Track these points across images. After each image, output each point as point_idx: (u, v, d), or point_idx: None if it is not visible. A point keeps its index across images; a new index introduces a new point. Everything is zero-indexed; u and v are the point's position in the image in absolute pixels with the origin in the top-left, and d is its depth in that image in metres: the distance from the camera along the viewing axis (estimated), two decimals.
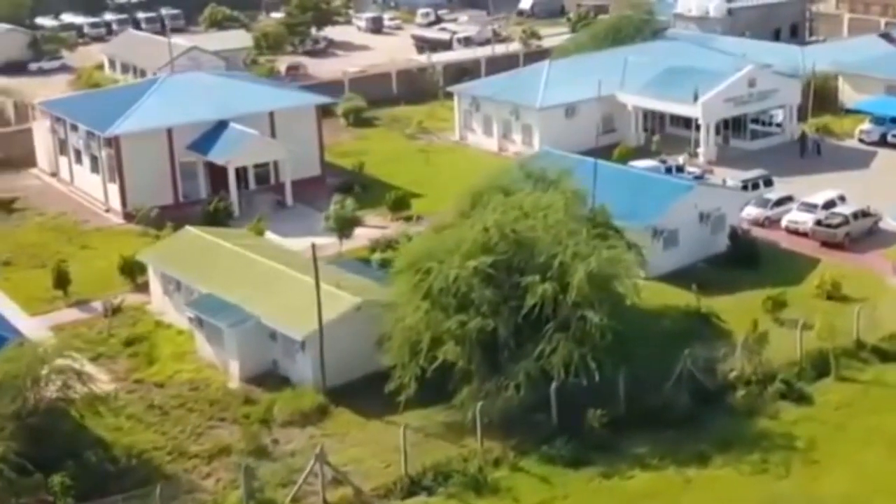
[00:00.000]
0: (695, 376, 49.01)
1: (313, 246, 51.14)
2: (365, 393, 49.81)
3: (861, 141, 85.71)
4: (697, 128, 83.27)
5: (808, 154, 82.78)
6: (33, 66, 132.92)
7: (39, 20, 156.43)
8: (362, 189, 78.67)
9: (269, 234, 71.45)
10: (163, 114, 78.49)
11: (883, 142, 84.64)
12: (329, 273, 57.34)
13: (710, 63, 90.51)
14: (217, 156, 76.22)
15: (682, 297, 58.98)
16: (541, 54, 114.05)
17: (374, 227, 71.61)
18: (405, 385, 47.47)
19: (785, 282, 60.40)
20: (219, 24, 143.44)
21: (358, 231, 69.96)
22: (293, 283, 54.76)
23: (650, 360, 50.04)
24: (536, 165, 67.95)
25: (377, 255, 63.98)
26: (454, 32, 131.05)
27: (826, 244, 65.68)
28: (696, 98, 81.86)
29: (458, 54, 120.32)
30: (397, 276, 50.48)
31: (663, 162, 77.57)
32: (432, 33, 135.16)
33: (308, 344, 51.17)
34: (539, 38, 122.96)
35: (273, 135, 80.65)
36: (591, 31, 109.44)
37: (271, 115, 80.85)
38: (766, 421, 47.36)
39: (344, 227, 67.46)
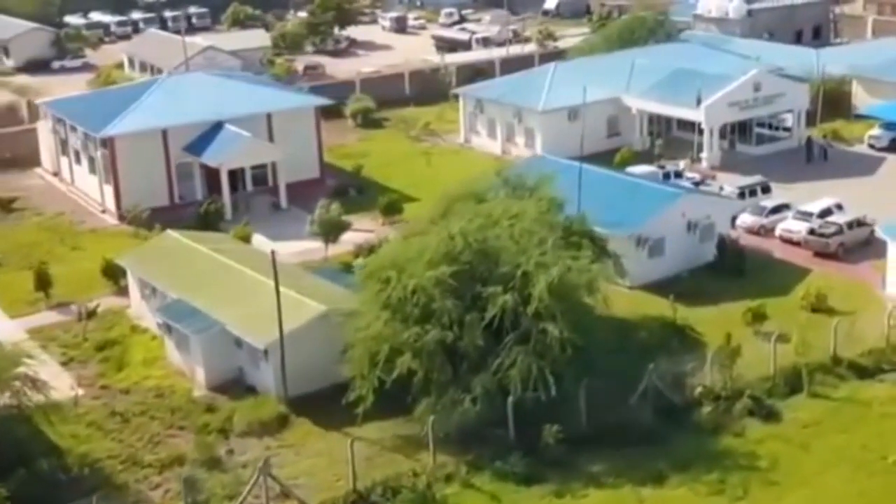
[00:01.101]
0: (660, 391, 47.70)
1: (272, 253, 50.36)
2: (329, 403, 48.88)
3: (871, 146, 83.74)
4: (701, 132, 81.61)
5: (815, 160, 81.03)
6: (56, 64, 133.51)
7: (68, 18, 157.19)
8: (357, 192, 77.97)
9: (258, 238, 70.95)
10: (159, 115, 78.19)
11: (892, 147, 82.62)
12: (301, 279, 56.80)
13: (722, 66, 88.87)
14: (210, 158, 75.80)
15: (664, 308, 57.73)
16: (557, 55, 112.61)
17: (364, 231, 70.74)
18: (363, 397, 46.57)
19: (771, 293, 58.97)
20: (241, 24, 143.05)
21: (348, 235, 69.18)
22: (263, 290, 53.88)
23: (619, 374, 48.83)
24: (528, 170, 67.41)
25: (360, 261, 63.09)
26: (473, 33, 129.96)
27: (819, 254, 64.06)
28: (698, 102, 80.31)
29: (472, 55, 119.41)
30: (362, 285, 49.59)
31: (661, 167, 76.14)
32: (452, 33, 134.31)
33: (271, 352, 50.45)
34: (555, 38, 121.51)
35: (271, 136, 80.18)
36: (604, 33, 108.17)
37: (269, 116, 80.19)
38: (731, 439, 46.02)
39: (329, 231, 66.68)
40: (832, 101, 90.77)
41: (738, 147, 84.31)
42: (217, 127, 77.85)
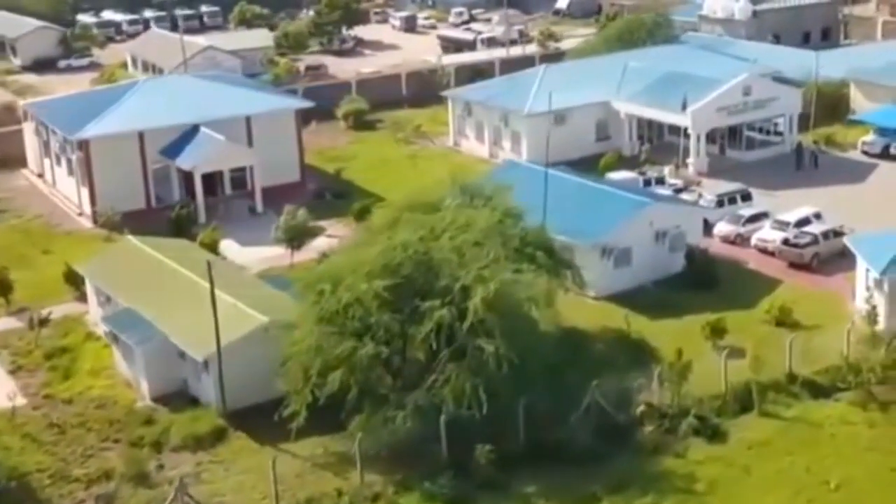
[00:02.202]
0: (604, 409, 46.22)
1: (209, 263, 49.18)
2: (269, 417, 47.59)
3: (864, 153, 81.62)
4: (688, 137, 79.86)
5: (805, 166, 78.99)
6: (62, 63, 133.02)
7: (80, 17, 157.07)
8: (333, 196, 76.80)
9: (228, 243, 70.02)
10: (137, 117, 77.42)
11: (886, 154, 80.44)
12: (252, 289, 55.76)
13: (717, 69, 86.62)
14: (184, 161, 74.86)
15: (630, 320, 56.24)
16: (558, 56, 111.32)
17: (335, 237, 69.56)
18: (297, 412, 45.39)
19: (738, 305, 57.36)
20: (247, 23, 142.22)
21: (319, 242, 68.02)
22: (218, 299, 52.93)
23: (565, 390, 47.35)
24: (500, 177, 66.13)
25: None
26: (478, 33, 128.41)
27: (794, 265, 62.26)
28: (684, 107, 78.54)
29: (471, 56, 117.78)
30: (299, 297, 48.44)
31: (642, 174, 74.44)
32: (457, 33, 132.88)
33: (211, 364, 49.36)
34: (557, 39, 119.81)
35: (250, 139, 79.19)
36: (604, 34, 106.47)
37: (248, 119, 79.16)
38: (672, 460, 44.52)
39: (294, 237, 65.54)
40: (830, 105, 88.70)
41: (728, 152, 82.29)
42: (194, 130, 76.90)
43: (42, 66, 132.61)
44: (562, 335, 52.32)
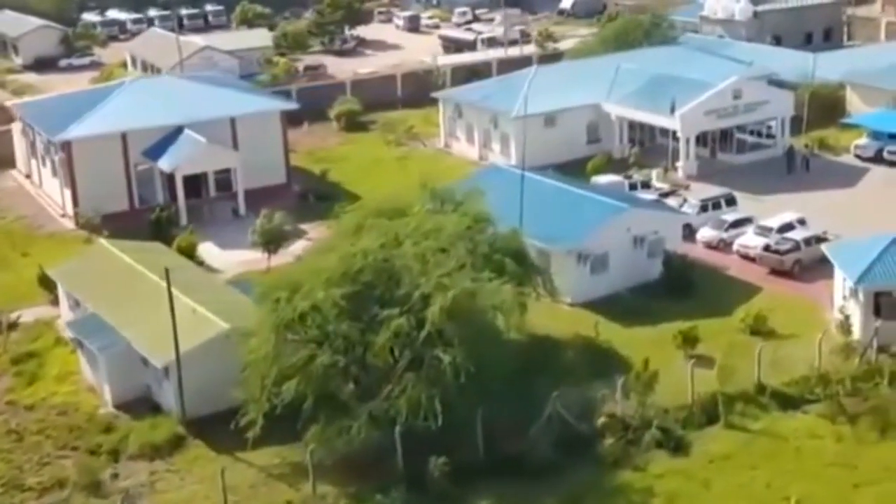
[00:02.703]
0: (566, 420, 45.37)
1: (167, 270, 48.49)
2: (228, 425, 46.96)
3: (857, 157, 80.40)
4: (676, 140, 78.83)
5: (796, 170, 77.81)
6: (63, 62, 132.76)
7: (86, 15, 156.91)
8: (317, 199, 76.08)
9: (207, 246, 69.50)
10: (120, 118, 76.83)
11: (879, 158, 79.19)
12: (220, 294, 55.14)
13: (711, 71, 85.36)
14: (165, 163, 74.25)
15: (604, 328, 55.46)
16: (556, 57, 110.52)
17: (315, 240, 68.81)
18: (253, 421, 44.68)
19: (715, 312, 56.39)
20: (249, 23, 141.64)
21: (299, 245, 67.41)
22: (177, 306, 52.19)
23: (530, 400, 46.53)
24: (482, 181, 65.29)
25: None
26: (479, 33, 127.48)
27: (775, 272, 61.21)
28: (672, 110, 77.50)
29: (468, 56, 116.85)
30: (257, 304, 47.73)
31: (628, 177, 73.47)
32: (458, 33, 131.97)
33: (171, 371, 48.71)
34: (555, 40, 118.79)
35: (234, 141, 78.53)
36: (601, 35, 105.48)
37: (233, 121, 78.51)
38: (631, 473, 43.60)
39: (270, 241, 64.86)
40: (826, 108, 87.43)
41: (719, 156, 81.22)
42: (178, 131, 76.26)
43: (43, 65, 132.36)
44: (529, 343, 51.74)
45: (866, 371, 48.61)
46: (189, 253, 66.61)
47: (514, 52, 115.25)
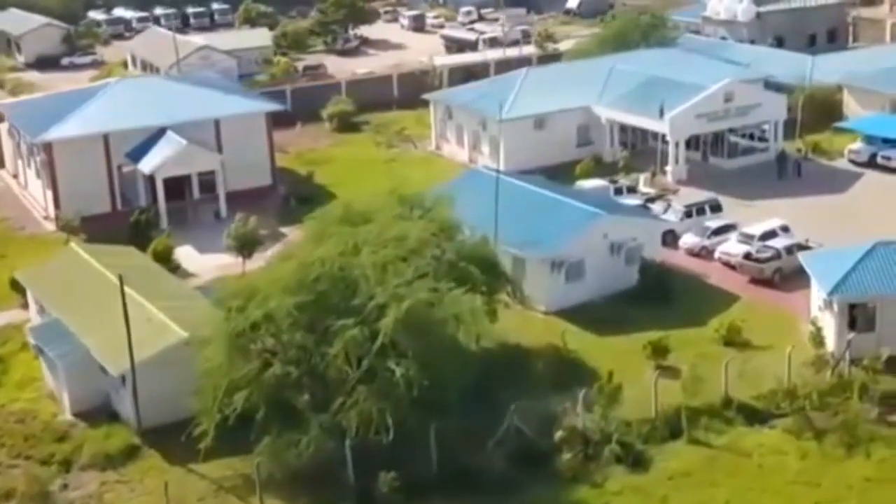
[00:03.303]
0: (524, 433, 44.33)
1: (120, 278, 47.64)
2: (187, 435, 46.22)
3: (851, 161, 78.93)
4: (666, 143, 77.57)
5: (787, 175, 76.40)
6: (65, 60, 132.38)
7: (92, 13, 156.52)
8: (298, 202, 75.14)
9: (185, 250, 68.76)
10: (103, 120, 76.15)
11: (873, 163, 77.73)
12: (185, 301, 54.25)
13: (707, 73, 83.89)
14: (146, 165, 73.49)
15: (576, 337, 54.39)
16: (555, 57, 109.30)
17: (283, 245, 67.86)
18: (206, 432, 43.82)
19: (690, 322, 55.23)
20: (252, 22, 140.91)
21: (276, 249, 66.36)
22: (141, 312, 51.48)
23: (489, 413, 45.51)
24: (463, 185, 64.43)
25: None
26: (481, 33, 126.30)
27: (755, 280, 59.94)
28: (661, 113, 76.23)
29: (466, 57, 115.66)
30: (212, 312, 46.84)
31: (613, 182, 72.26)
32: (460, 33, 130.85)
33: (128, 379, 47.88)
34: (555, 40, 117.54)
35: (219, 142, 77.73)
36: (599, 36, 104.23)
37: (217, 122, 77.70)
38: (588, 490, 42.54)
39: (244, 245, 63.98)
40: (822, 112, 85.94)
41: (711, 160, 79.91)
42: (161, 133, 75.49)
43: (46, 63, 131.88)
44: (496, 353, 50.77)
45: (837, 385, 47.28)
46: (165, 256, 65.90)
47: (513, 52, 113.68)
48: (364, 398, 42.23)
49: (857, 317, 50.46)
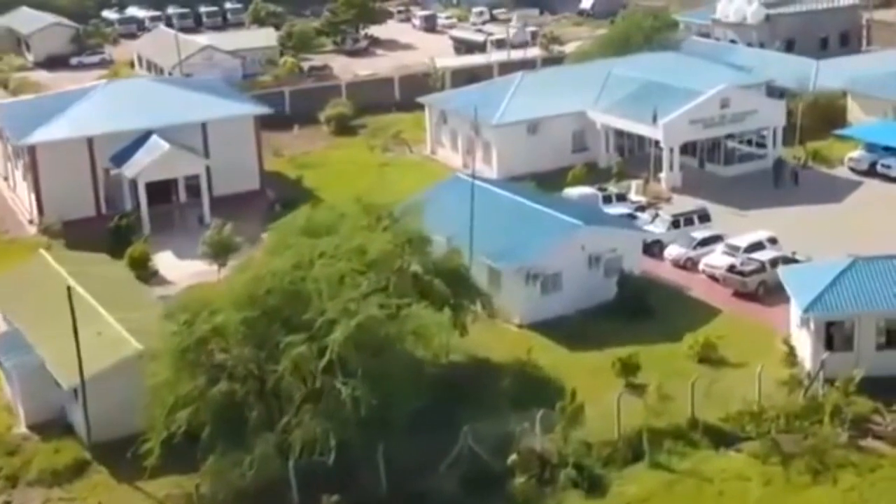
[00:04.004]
0: (478, 456, 42.89)
1: (69, 289, 46.48)
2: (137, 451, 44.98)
3: (851, 169, 76.92)
4: (660, 149, 75.85)
5: (784, 183, 74.48)
6: (74, 60, 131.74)
7: (105, 12, 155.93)
8: (283, 207, 73.80)
9: (165, 256, 67.75)
10: (87, 123, 75.18)
11: (873, 171, 75.69)
12: (148, 311, 53.07)
13: (707, 78, 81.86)
14: (129, 169, 72.46)
15: (548, 352, 52.92)
16: (560, 60, 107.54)
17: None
18: (152, 450, 42.63)
19: (667, 337, 53.62)
20: (261, 21, 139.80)
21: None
22: (100, 322, 50.45)
23: (447, 432, 44.10)
24: (447, 192, 63.09)
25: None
26: (489, 34, 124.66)
27: (739, 293, 58.21)
28: (654, 119, 74.49)
29: (469, 59, 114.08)
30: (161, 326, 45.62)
31: (602, 190, 70.59)
32: (468, 34, 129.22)
33: (80, 393, 46.74)
34: (561, 42, 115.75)
35: (206, 146, 76.70)
36: (601, 39, 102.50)
37: (204, 125, 76.60)
38: None
39: (219, 253, 62.80)
40: (826, 118, 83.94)
41: (707, 167, 78.11)
42: (146, 136, 74.43)
43: (55, 62, 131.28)
44: (460, 369, 49.46)
45: (808, 407, 45.50)
46: (141, 264, 64.90)
47: (518, 54, 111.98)
48: (310, 417, 40.90)
49: (833, 335, 48.63)
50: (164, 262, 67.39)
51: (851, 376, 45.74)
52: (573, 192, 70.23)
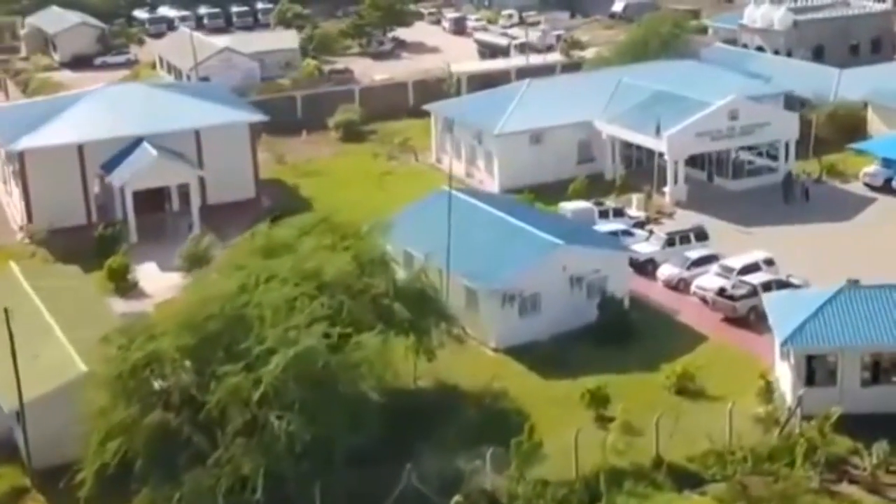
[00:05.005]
0: (423, 495, 40.65)
1: (6, 311, 44.69)
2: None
3: (866, 185, 73.67)
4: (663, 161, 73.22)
5: (794, 199, 71.44)
6: (98, 60, 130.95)
7: (137, 12, 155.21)
8: (272, 220, 71.73)
9: (148, 267, 66.14)
10: (78, 129, 73.71)
11: (888, 187, 72.39)
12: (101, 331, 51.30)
13: (722, 87, 78.84)
14: (116, 177, 70.89)
15: (520, 379, 50.58)
16: (580, 66, 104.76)
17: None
18: (85, 479, 40.80)
19: (645, 366, 51.08)
20: (287, 23, 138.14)
21: None
22: (53, 341, 48.77)
23: (393, 470, 41.91)
24: (432, 206, 60.95)
25: None
26: (513, 38, 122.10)
27: (729, 319, 55.44)
28: (658, 131, 71.73)
29: (486, 64, 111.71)
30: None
31: (599, 204, 67.98)
32: (492, 38, 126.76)
33: (23, 416, 45.05)
34: (582, 47, 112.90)
35: (199, 153, 74.96)
36: (619, 45, 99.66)
37: (197, 133, 74.89)
38: None
39: (194, 266, 61.02)
40: (846, 130, 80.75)
41: (716, 180, 75.21)
42: (137, 143, 72.81)
43: (80, 62, 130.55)
44: (422, 398, 47.13)
45: (779, 448, 42.74)
46: (121, 275, 63.38)
47: (537, 59, 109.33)
48: (242, 452, 38.83)
49: (816, 369, 45.83)
50: (147, 273, 65.80)
51: (828, 414, 42.91)
52: (569, 206, 67.71)
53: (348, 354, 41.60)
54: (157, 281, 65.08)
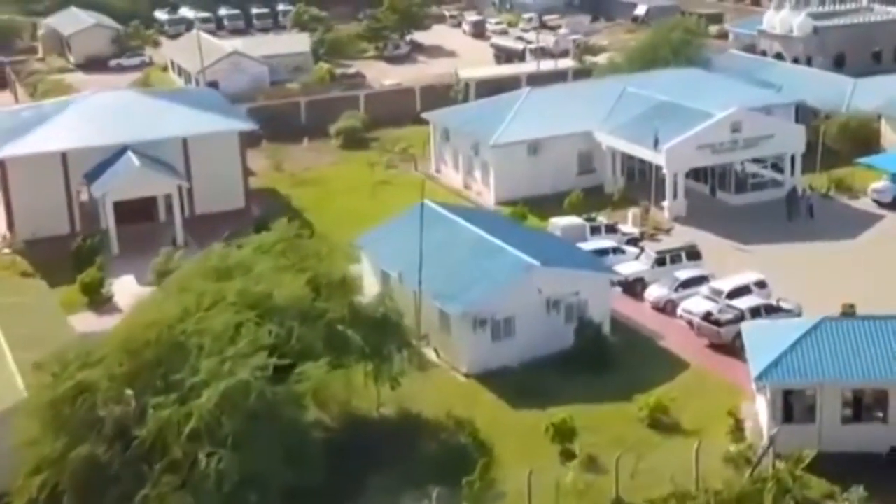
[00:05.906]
0: None
1: None
2: None
3: (875, 201, 70.69)
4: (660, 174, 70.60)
5: (798, 215, 68.58)
6: (113, 62, 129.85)
7: (157, 13, 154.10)
8: (256, 231, 69.80)
9: (125, 281, 64.20)
10: (62, 137, 71.97)
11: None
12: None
13: (730, 97, 76.21)
14: (97, 188, 69.16)
15: (487, 408, 48.30)
16: (590, 72, 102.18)
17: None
18: None
19: (622, 395, 48.58)
20: (303, 26, 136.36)
21: None
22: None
23: None
24: (410, 221, 58.69)
25: None
26: (529, 42, 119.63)
27: (714, 345, 52.82)
28: (656, 143, 69.09)
29: (495, 69, 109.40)
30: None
31: (590, 220, 65.44)
32: (508, 42, 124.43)
33: None
34: (594, 53, 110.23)
35: (186, 163, 73.16)
36: (629, 52, 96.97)
37: (184, 141, 73.05)
38: None
39: (164, 280, 58.95)
40: (858, 142, 77.74)
41: (719, 194, 72.48)
42: (122, 152, 71.06)
43: (95, 64, 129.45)
44: (382, 428, 45.01)
45: (748, 491, 40.11)
46: (94, 289, 61.64)
47: (548, 65, 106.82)
48: (170, 491, 36.79)
49: (793, 405, 43.19)
50: (124, 287, 63.81)
51: (800, 455, 40.29)
52: (559, 221, 65.22)
53: (290, 385, 39.49)
54: (133, 295, 63.01)
